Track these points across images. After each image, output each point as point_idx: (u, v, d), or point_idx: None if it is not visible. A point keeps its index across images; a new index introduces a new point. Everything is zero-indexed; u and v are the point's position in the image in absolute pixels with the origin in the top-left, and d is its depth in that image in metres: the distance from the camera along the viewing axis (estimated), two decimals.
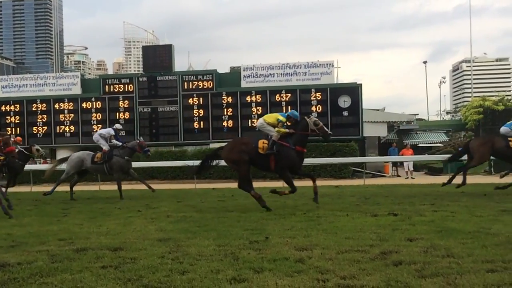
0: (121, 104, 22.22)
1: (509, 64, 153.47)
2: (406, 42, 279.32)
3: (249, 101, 21.48)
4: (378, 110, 29.64)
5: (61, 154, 20.60)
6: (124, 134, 22.00)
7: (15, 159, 12.31)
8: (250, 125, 21.45)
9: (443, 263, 4.11)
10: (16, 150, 12.48)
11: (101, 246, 5.24)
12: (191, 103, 21.91)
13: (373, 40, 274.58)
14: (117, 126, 13.23)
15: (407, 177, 19.32)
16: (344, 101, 20.84)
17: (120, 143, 12.41)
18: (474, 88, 74.20)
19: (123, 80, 22.79)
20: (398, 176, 21.15)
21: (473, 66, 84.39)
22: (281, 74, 22.04)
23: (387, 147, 24.19)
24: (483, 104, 35.42)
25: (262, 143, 8.63)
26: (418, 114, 52.70)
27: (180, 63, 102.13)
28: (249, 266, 4.16)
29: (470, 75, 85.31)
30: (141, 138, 14.08)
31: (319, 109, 21.01)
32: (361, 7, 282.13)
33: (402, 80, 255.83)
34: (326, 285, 3.56)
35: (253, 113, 21.41)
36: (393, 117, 28.56)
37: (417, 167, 23.34)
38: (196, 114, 21.86)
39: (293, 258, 4.43)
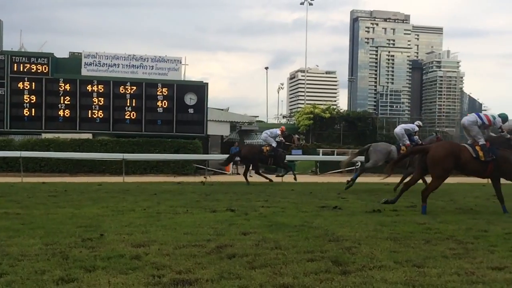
0: None
1: (336, 77, 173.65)
2: (251, 47, 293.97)
3: (90, 90, 20.19)
4: (222, 110, 30.61)
5: None
6: None
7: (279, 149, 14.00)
8: (90, 116, 20.20)
9: (272, 254, 4.46)
10: (280, 139, 14.14)
11: None
12: (21, 88, 19.67)
13: (221, 41, 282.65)
14: (419, 123, 13.36)
15: (233, 173, 20.40)
16: (190, 99, 21.06)
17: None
18: (307, 96, 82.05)
19: None
20: (238, 174, 22.18)
21: (307, 76, 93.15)
22: (127, 65, 21.26)
23: (229, 146, 25.16)
24: (313, 111, 39.25)
25: None
26: (258, 116, 56.13)
27: (10, 42, 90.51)
28: (79, 265, 3.93)
29: (304, 83, 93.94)
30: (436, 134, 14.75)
31: (165, 105, 20.84)
32: (210, 8, 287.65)
33: (246, 83, 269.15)
34: (162, 281, 3.57)
35: (94, 103, 20.20)
36: (236, 118, 29.82)
37: None
38: (27, 100, 19.70)
39: (129, 255, 4.32)
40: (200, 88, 21.53)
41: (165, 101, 20.84)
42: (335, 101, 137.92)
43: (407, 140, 12.16)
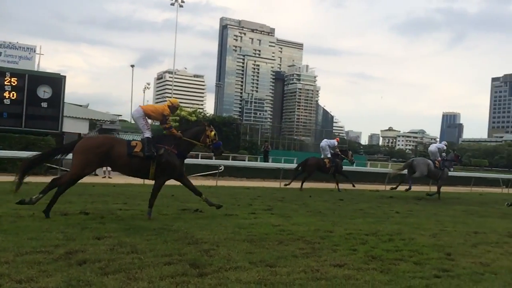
0: None
1: (204, 81, 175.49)
2: (116, 43, 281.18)
3: None
4: (81, 106, 28.63)
5: None
6: None
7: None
8: None
9: (127, 259, 4.29)
10: (336, 151, 16.00)
11: None
12: None
13: (83, 33, 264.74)
14: (445, 142, 16.80)
15: (104, 176, 19.34)
16: (44, 92, 19.24)
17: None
18: (174, 97, 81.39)
19: None
20: (96, 175, 20.91)
21: (175, 78, 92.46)
22: None
23: None
24: (179, 113, 39.04)
25: None
26: (122, 115, 53.92)
27: None
28: None
29: (171, 85, 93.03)
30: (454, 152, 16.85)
31: (13, 96, 18.71)
32: None
33: (110, 80, 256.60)
34: None
35: None
36: (96, 115, 28.15)
37: None
38: None
39: None
40: (56, 81, 19.79)
41: (13, 92, 18.70)
42: (202, 105, 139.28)
43: (439, 156, 14.89)
